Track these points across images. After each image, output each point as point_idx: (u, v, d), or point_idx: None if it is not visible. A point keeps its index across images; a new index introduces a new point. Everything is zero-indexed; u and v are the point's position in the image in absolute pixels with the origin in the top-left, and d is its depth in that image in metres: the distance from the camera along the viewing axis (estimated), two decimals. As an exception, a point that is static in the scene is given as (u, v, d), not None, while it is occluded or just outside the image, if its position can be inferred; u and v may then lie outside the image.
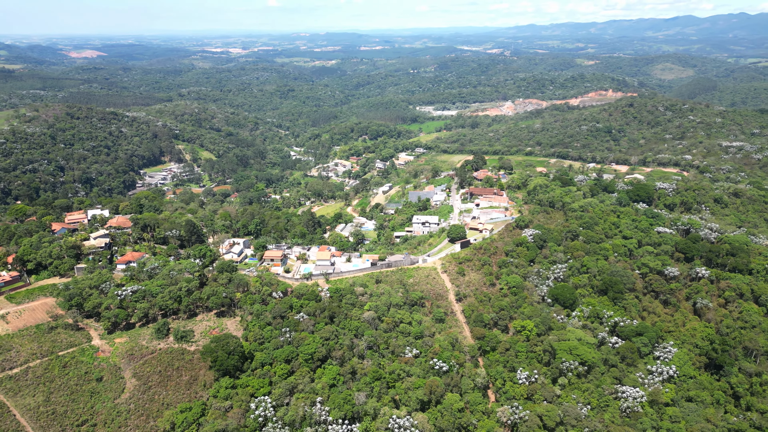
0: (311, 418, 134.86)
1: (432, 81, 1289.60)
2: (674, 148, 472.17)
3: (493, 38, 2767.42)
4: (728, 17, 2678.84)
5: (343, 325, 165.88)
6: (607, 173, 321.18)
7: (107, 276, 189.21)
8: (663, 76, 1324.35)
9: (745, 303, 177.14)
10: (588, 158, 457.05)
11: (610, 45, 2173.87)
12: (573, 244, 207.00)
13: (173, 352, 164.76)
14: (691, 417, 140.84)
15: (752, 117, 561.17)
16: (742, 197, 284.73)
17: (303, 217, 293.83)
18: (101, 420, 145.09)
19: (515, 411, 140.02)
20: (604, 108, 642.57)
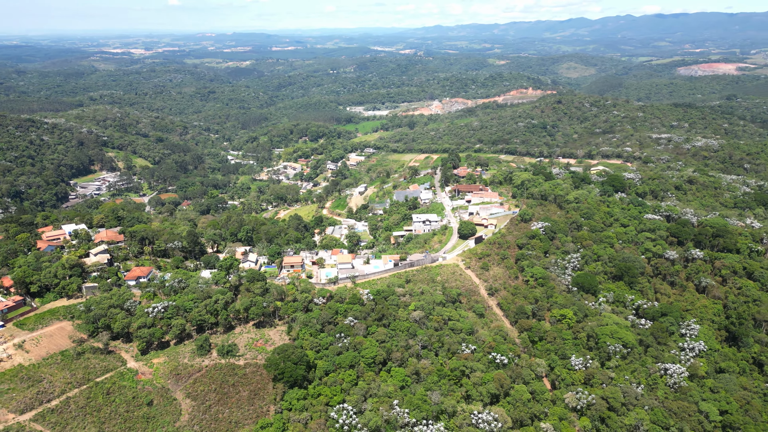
0: (396, 422, 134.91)
1: (355, 81, 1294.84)
2: (610, 141, 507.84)
3: (403, 39, 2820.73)
4: (616, 19, 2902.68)
5: (394, 326, 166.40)
6: (575, 167, 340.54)
7: (128, 294, 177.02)
8: (568, 74, 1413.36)
9: (740, 279, 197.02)
10: (536, 153, 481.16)
11: (514, 45, 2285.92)
12: (580, 234, 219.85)
13: (223, 368, 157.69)
14: (728, 387, 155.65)
15: (669, 111, 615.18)
16: (696, 184, 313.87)
17: (291, 222, 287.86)
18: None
19: (582, 396, 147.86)
20: (536, 105, 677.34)
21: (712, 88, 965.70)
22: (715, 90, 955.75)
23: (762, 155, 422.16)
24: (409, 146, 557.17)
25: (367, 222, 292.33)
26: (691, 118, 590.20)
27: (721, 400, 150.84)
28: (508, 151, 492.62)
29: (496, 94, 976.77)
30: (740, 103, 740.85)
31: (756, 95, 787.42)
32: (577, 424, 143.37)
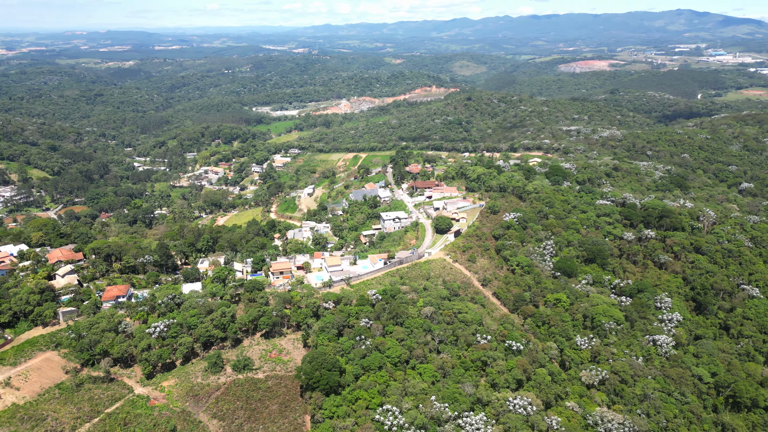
0: (440, 417, 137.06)
1: (255, 81, 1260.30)
2: (525, 135, 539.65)
3: (294, 38, 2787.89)
4: (495, 20, 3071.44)
5: (407, 324, 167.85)
6: (513, 159, 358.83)
7: (119, 315, 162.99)
8: (462, 72, 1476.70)
9: (690, 254, 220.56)
10: (461, 148, 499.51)
11: (405, 45, 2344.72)
12: (548, 222, 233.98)
13: (243, 384, 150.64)
14: (709, 351, 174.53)
15: (569, 105, 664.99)
16: (621, 171, 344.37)
17: (251, 228, 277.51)
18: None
19: (596, 372, 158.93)
20: (448, 102, 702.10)
21: (593, 84, 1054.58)
22: (596, 85, 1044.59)
23: (659, 143, 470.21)
24: (335, 146, 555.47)
25: (328, 223, 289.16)
26: (589, 111, 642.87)
27: (709, 363, 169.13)
28: (435, 147, 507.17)
29: (402, 92, 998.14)
30: (623, 96, 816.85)
31: (634, 89, 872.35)
32: (597, 399, 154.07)
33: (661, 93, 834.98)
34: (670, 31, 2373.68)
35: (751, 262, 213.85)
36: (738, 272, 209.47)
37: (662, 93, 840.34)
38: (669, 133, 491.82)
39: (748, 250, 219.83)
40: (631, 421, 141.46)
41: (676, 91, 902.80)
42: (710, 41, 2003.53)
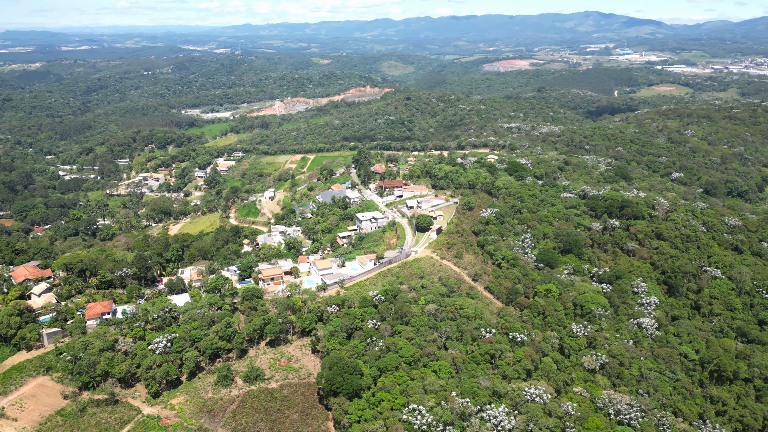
0: (465, 412, 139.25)
1: (179, 83, 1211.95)
2: (468, 132, 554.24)
3: (213, 38, 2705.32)
4: (417, 20, 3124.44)
5: (413, 322, 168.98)
6: (472, 156, 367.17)
7: (113, 333, 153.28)
8: (390, 72, 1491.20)
9: (653, 241, 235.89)
10: (410, 147, 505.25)
11: (330, 45, 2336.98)
12: (523, 216, 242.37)
13: (258, 395, 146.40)
14: (688, 330, 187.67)
15: (504, 103, 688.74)
16: (571, 165, 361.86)
17: (220, 235, 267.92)
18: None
19: (597, 357, 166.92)
20: (389, 102, 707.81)
21: (519, 82, 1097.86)
22: (521, 83, 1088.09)
23: (595, 137, 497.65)
24: (280, 147, 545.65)
25: (299, 226, 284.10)
26: (523, 109, 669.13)
27: (691, 341, 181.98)
28: (383, 147, 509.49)
29: (336, 93, 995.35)
30: (550, 94, 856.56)
31: (558, 87, 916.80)
32: (600, 383, 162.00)
33: (584, 90, 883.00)
34: (580, 32, 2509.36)
35: (708, 246, 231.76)
36: (698, 255, 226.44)
37: (585, 90, 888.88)
38: (602, 128, 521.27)
39: (703, 235, 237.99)
40: (638, 401, 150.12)
41: (596, 88, 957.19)
42: (617, 41, 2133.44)
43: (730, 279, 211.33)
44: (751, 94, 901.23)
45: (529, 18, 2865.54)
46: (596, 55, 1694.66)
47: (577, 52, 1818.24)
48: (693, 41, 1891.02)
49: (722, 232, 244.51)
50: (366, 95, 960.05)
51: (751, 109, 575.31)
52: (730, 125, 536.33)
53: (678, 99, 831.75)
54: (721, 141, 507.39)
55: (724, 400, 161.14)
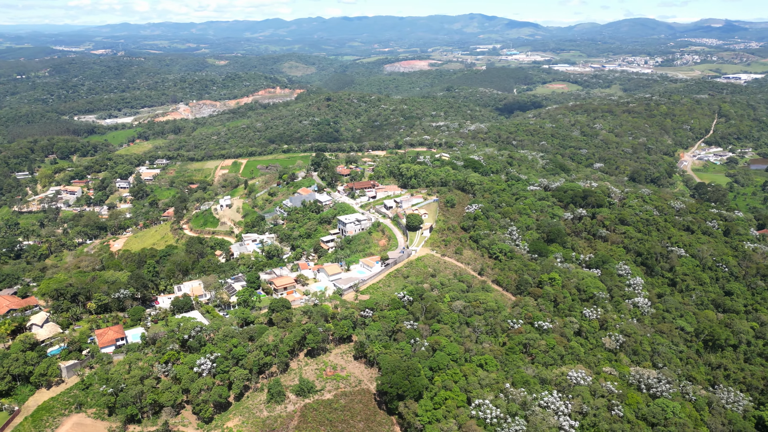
0: (525, 401, 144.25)
1: (62, 87, 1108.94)
2: (398, 132, 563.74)
3: (88, 38, 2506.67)
4: (309, 20, 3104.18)
5: (446, 320, 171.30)
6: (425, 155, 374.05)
7: (150, 359, 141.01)
8: (292, 72, 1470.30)
9: (619, 226, 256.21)
10: (347, 148, 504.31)
11: (221, 45, 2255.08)
12: (504, 210, 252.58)
13: (317, 408, 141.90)
14: (675, 305, 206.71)
15: (424, 102, 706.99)
16: (515, 160, 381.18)
17: (193, 247, 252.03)
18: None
19: (616, 338, 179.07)
20: (309, 103, 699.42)
21: (424, 82, 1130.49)
22: (427, 83, 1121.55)
23: (519, 133, 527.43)
24: (208, 153, 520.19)
25: (272, 233, 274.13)
26: (443, 107, 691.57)
27: (682, 315, 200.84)
28: (320, 149, 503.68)
29: (244, 95, 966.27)
30: (459, 93, 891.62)
31: (465, 86, 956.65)
32: (623, 361, 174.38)
33: (489, 89, 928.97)
34: (467, 33, 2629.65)
35: (666, 228, 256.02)
36: (660, 237, 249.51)
37: (490, 89, 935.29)
38: (524, 124, 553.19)
39: (658, 218, 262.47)
40: (662, 374, 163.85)
41: (497, 86, 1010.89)
42: (501, 42, 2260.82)
43: (693, 257, 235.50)
44: (632, 90, 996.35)
45: (419, 19, 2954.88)
46: (486, 55, 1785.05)
47: (468, 53, 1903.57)
48: (569, 42, 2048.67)
49: (672, 214, 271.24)
50: (277, 96, 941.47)
51: (644, 103, 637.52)
52: (630, 118, 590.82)
53: (575, 95, 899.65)
54: (626, 133, 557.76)
55: (725, 365, 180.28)
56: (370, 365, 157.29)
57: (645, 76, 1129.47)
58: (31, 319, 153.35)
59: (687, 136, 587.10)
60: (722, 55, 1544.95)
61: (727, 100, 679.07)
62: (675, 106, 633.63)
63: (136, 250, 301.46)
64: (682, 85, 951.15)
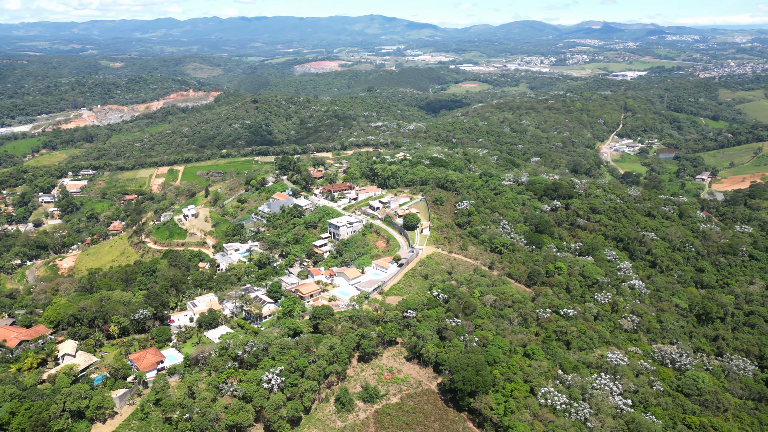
0: (583, 386, 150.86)
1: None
2: (338, 134, 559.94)
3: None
4: (205, 20, 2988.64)
5: (482, 314, 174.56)
6: (385, 155, 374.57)
7: (212, 379, 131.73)
8: (197, 74, 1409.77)
9: (592, 215, 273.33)
10: (290, 151, 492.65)
11: (111, 46, 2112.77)
12: (492, 204, 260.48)
13: (388, 413, 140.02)
14: (662, 284, 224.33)
15: (354, 103, 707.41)
16: (470, 157, 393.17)
17: (175, 261, 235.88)
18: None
19: (632, 319, 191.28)
20: (237, 106, 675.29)
21: (341, 83, 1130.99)
22: (344, 84, 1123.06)
23: (456, 131, 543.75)
24: (138, 161, 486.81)
25: (255, 241, 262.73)
26: (373, 108, 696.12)
27: (674, 293, 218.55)
28: (261, 153, 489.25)
29: (153, 99, 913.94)
30: (381, 93, 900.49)
31: (387, 86, 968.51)
32: (644, 339, 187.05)
33: (410, 89, 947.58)
34: (369, 34, 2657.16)
35: (633, 214, 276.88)
36: (629, 223, 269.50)
37: (410, 89, 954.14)
38: (459, 122, 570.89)
39: (624, 206, 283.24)
40: (682, 349, 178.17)
41: (414, 86, 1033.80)
42: (403, 43, 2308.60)
43: (663, 239, 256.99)
44: (538, 88, 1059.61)
45: (320, 20, 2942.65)
46: (393, 56, 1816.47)
47: (374, 53, 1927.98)
48: (468, 43, 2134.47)
49: (632, 202, 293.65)
50: (191, 99, 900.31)
51: (561, 100, 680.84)
52: (552, 114, 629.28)
53: (491, 94, 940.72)
54: (551, 128, 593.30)
55: (722, 335, 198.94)
56: (423, 365, 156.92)
57: (547, 75, 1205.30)
58: (61, 349, 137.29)
59: (602, 129, 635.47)
60: (607, 54, 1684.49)
61: (630, 96, 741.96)
62: (587, 102, 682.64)
63: (93, 267, 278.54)
64: (582, 83, 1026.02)
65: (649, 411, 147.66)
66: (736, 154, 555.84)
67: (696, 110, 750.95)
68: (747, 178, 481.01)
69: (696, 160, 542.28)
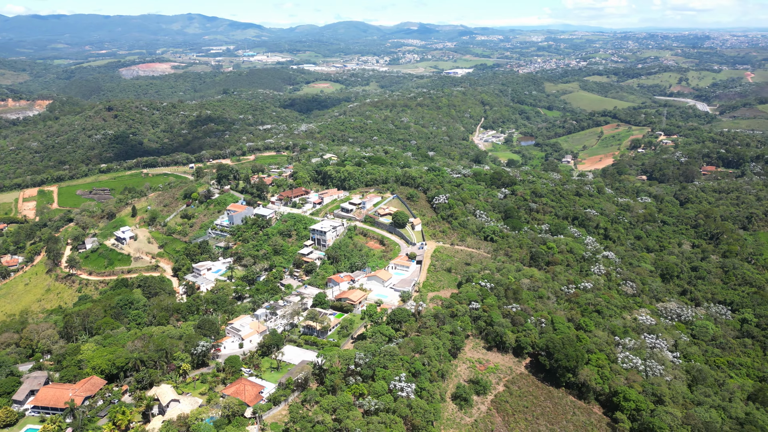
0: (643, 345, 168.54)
1: None
2: (223, 139, 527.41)
3: None
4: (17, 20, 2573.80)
5: (525, 297, 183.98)
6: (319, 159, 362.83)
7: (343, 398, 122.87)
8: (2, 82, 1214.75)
9: (537, 198, 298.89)
10: (182, 160, 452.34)
11: None
12: (461, 195, 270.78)
13: (504, 401, 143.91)
14: (623, 252, 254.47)
15: (223, 105, 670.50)
16: (390, 154, 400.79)
17: (153, 289, 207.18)
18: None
19: (630, 285, 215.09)
20: (90, 115, 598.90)
21: (185, 86, 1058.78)
22: (188, 87, 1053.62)
23: (348, 130, 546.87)
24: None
25: (226, 258, 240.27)
26: (247, 110, 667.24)
27: (639, 259, 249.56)
28: (148, 165, 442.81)
29: None
30: (239, 95, 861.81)
31: (243, 87, 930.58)
32: (645, 300, 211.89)
33: (270, 90, 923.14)
34: (190, 34, 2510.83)
35: (567, 195, 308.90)
36: (569, 203, 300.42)
37: (269, 90, 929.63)
38: (349, 122, 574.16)
39: (558, 188, 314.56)
40: (682, 304, 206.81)
41: (268, 87, 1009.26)
42: (230, 43, 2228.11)
43: (601, 214, 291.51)
44: (388, 86, 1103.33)
45: (131, 19, 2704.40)
46: (226, 57, 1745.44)
47: (203, 54, 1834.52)
48: (299, 43, 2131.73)
49: (559, 184, 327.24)
50: (12, 110, 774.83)
51: (429, 97, 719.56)
52: (426, 111, 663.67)
53: (347, 93, 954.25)
54: (429, 123, 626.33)
55: (689, 290, 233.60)
56: (504, 352, 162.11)
57: (394, 74, 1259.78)
58: (161, 396, 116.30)
59: (470, 122, 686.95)
60: (433, 53, 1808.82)
61: (483, 91, 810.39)
62: (450, 98, 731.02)
63: (12, 311, 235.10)
64: (428, 80, 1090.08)
65: (692, 359, 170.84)
66: (583, 138, 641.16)
67: (534, 102, 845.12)
68: (602, 158, 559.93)
69: (555, 146, 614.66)
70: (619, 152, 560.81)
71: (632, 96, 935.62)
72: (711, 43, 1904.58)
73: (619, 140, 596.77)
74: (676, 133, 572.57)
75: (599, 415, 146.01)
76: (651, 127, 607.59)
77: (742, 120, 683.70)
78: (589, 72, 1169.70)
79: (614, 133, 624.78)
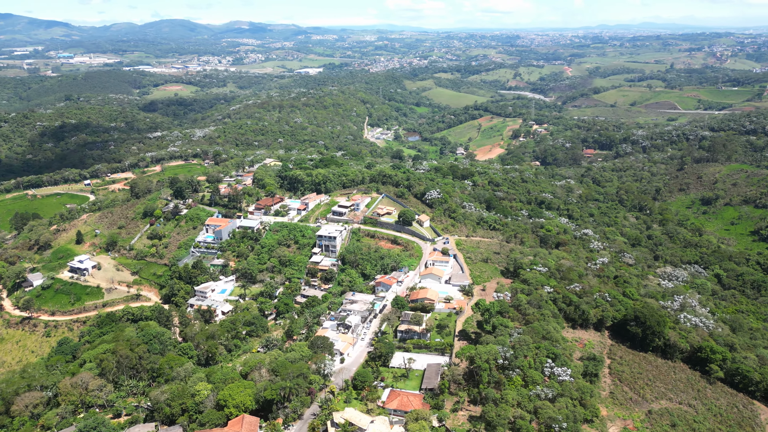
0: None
1: None
2: (108, 151, 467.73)
3: None
4: None
5: (573, 276, 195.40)
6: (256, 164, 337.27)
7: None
8: None
9: (496, 187, 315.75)
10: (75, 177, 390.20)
11: None
12: (446, 189, 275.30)
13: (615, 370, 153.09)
14: (592, 227, 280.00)
15: (91, 113, 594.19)
16: (328, 155, 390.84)
17: (161, 318, 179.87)
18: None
19: (630, 257, 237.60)
20: None
21: (6, 94, 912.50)
22: (11, 96, 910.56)
23: (248, 133, 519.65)
24: None
25: (227, 276, 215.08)
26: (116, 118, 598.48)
27: (598, 234, 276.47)
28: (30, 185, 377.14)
29: None
30: (87, 101, 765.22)
31: (85, 93, 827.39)
32: (646, 267, 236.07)
33: (122, 95, 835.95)
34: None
35: (517, 182, 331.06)
36: (523, 189, 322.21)
37: (120, 94, 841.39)
38: (246, 126, 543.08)
39: (510, 176, 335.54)
40: (672, 269, 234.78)
41: (115, 90, 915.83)
42: (34, 44, 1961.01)
43: (554, 196, 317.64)
44: (247, 87, 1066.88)
45: None
46: (39, 60, 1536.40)
47: (6, 56, 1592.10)
48: (122, 42, 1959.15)
49: (505, 173, 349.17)
50: None
51: (313, 97, 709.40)
52: (316, 111, 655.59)
53: (211, 95, 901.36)
54: (324, 123, 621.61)
55: (660, 254, 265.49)
56: (585, 328, 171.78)
57: (247, 74, 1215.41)
58: (357, 421, 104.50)
59: (358, 120, 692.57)
60: (277, 53, 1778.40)
61: (359, 89, 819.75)
62: (333, 97, 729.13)
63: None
64: (289, 80, 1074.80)
65: (718, 312, 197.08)
66: (465, 131, 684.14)
67: (402, 99, 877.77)
68: (491, 148, 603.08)
69: (443, 140, 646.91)
70: (504, 142, 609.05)
71: (482, 90, 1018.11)
72: (522, 41, 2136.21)
73: (499, 131, 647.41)
74: (545, 122, 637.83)
75: (689, 370, 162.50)
76: (522, 117, 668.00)
77: (586, 108, 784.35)
78: (435, 70, 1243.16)
79: (491, 125, 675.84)
